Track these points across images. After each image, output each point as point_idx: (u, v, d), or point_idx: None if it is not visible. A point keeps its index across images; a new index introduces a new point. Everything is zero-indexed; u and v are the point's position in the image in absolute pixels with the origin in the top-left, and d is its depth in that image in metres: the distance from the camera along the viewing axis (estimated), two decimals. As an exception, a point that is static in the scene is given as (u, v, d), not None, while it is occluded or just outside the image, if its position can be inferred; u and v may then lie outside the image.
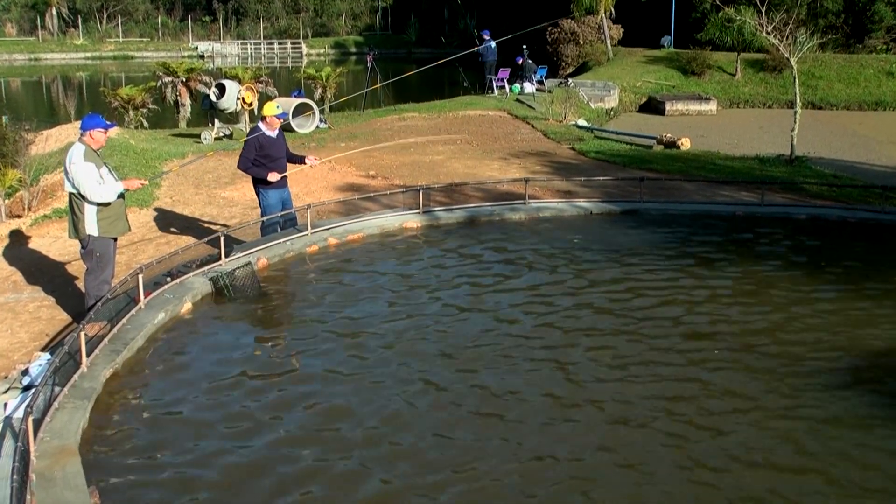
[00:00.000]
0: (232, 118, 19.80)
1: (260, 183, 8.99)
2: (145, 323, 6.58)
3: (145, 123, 21.62)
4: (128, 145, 16.24)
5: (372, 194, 11.20)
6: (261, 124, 8.98)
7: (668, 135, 19.02)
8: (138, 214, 11.10)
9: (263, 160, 8.89)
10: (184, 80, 22.32)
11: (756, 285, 7.79)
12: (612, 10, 35.69)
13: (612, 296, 7.47)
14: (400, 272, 8.13)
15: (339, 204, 11.13)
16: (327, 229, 9.22)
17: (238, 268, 7.58)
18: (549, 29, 35.77)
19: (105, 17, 67.60)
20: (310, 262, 8.46)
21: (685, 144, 18.08)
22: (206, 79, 22.57)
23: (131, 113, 21.35)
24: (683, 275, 8.03)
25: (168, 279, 7.46)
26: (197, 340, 6.51)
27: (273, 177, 8.86)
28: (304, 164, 9.34)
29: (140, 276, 6.84)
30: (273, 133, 8.96)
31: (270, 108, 8.90)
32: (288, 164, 9.22)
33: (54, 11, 63.20)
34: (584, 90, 27.94)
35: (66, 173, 6.82)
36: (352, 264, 8.35)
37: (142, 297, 6.87)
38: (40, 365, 5.89)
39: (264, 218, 8.97)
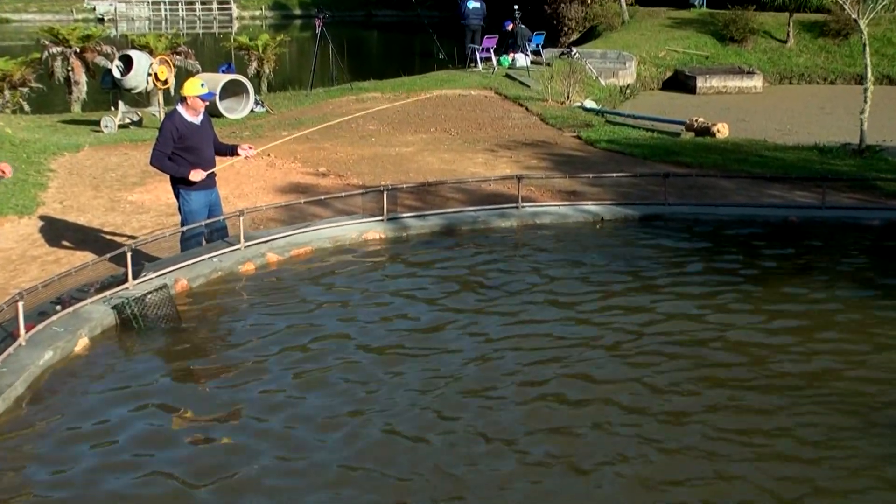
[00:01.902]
0: (142, 100, 19.73)
1: (180, 183, 8.96)
2: (27, 364, 6.51)
3: (26, 107, 21.52)
4: (2, 135, 16.14)
5: (322, 196, 11.19)
6: (180, 107, 8.96)
7: (701, 119, 19.20)
8: (17, 225, 11.03)
9: (184, 153, 8.86)
10: (77, 50, 22.23)
11: (817, 312, 7.78)
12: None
13: (628, 330, 7.45)
14: (357, 297, 8.11)
15: (280, 209, 11.11)
16: (265, 242, 9.20)
17: (150, 292, 7.54)
18: (548, -16, 36.05)
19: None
20: (243, 284, 8.43)
21: (722, 131, 18.25)
22: (106, 49, 22.50)
23: (7, 93, 21.22)
24: (722, 300, 8.03)
25: (58, 307, 7.39)
26: (95, 386, 6.45)
27: (196, 175, 8.83)
28: (237, 156, 9.32)
29: (20, 304, 6.77)
30: (196, 118, 8.94)
31: (193, 87, 8.89)
32: (216, 158, 9.20)
33: None
34: (593, 62, 28.11)
35: None
36: (296, 287, 8.32)
37: (22, 330, 6.81)
38: None
39: (185, 228, 8.93)
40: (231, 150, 9.34)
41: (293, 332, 7.35)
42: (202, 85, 8.96)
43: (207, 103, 9.07)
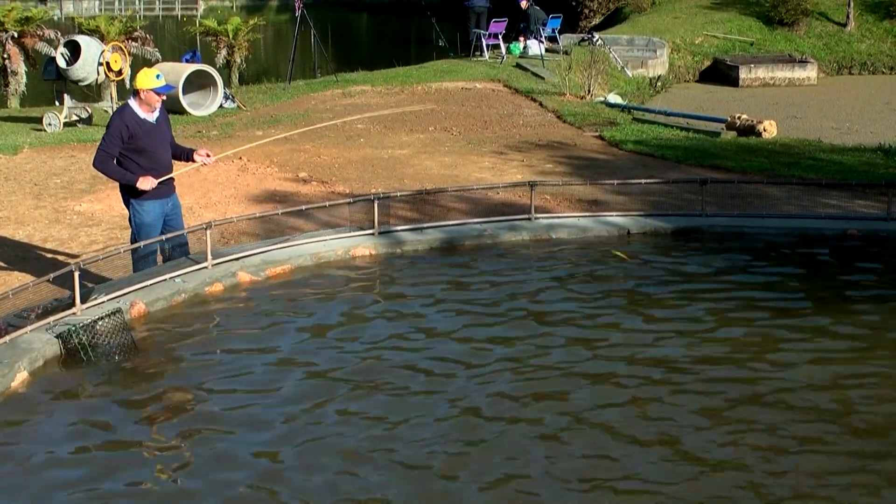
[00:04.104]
0: (91, 94, 19.81)
1: (130, 191, 8.96)
2: (-42, 403, 6.51)
3: (-43, 102, 21.61)
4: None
5: (303, 206, 11.20)
6: (132, 101, 8.97)
7: (744, 116, 19.24)
8: (-52, 239, 11.06)
9: (134, 156, 8.88)
10: (15, 35, 22.31)
11: (887, 349, 7.71)
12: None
13: (660, 368, 7.41)
14: (343, 325, 8.10)
15: (254, 221, 11.13)
16: (236, 259, 9.21)
17: (101, 318, 7.54)
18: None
19: None
20: (210, 308, 8.43)
21: (769, 130, 18.28)
22: (50, 34, 22.60)
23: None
24: (773, 330, 7.96)
25: (-7, 336, 7.41)
26: (34, 431, 6.43)
27: (145, 183, 8.81)
28: (193, 162, 9.32)
29: (-49, 332, 6.79)
30: (151, 115, 8.95)
31: (147, 78, 8.90)
32: (174, 163, 9.22)
33: None
34: (618, 50, 28.23)
35: None
36: (272, 312, 8.32)
37: (-46, 363, 6.81)
38: None
39: (140, 244, 8.90)
40: (187, 155, 9.33)
41: (268, 365, 7.35)
42: (158, 76, 8.95)
43: (164, 98, 9.07)
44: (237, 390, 6.96)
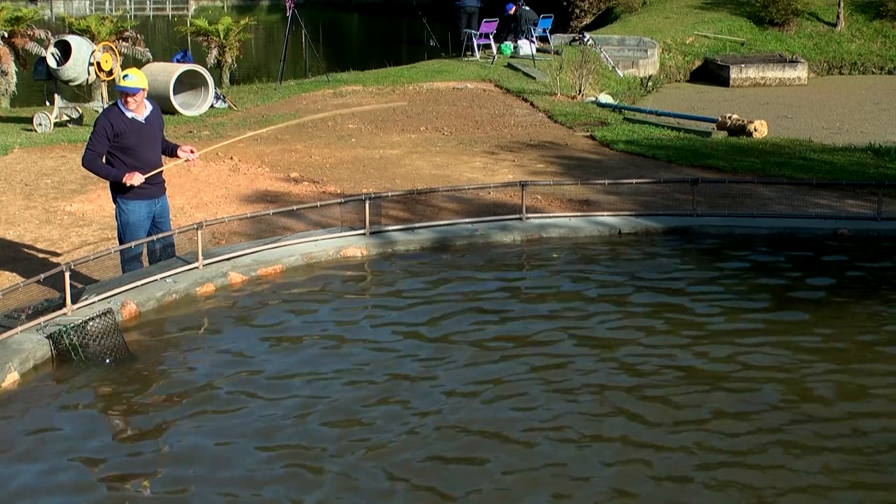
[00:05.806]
0: (82, 94, 19.76)
1: (118, 189, 8.95)
2: (-51, 403, 6.50)
3: (-53, 102, 21.57)
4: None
5: (294, 207, 11.20)
6: (119, 100, 8.96)
7: (735, 116, 19.26)
8: (-62, 239, 11.04)
9: (120, 155, 8.86)
10: (5, 35, 22.25)
11: (878, 349, 7.71)
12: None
13: (653, 369, 7.44)
14: (334, 326, 8.10)
15: (245, 222, 11.12)
16: (227, 259, 9.20)
17: (92, 319, 7.52)
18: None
19: None
20: (202, 308, 8.42)
21: (760, 130, 18.31)
22: (40, 34, 22.54)
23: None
24: (765, 330, 7.97)
25: (-16, 337, 7.39)
26: (25, 431, 6.42)
27: (133, 179, 8.79)
28: (177, 158, 9.31)
29: (-59, 333, 6.78)
30: (140, 114, 8.92)
31: (133, 78, 8.85)
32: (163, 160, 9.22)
33: None
34: (609, 50, 28.26)
35: None
36: (263, 313, 8.32)
37: (-56, 364, 6.80)
38: None
39: (130, 245, 8.86)
40: (171, 151, 9.33)
41: (260, 367, 7.34)
42: (125, 77, 8.92)
43: (135, 96, 8.92)
44: (227, 390, 6.96)
